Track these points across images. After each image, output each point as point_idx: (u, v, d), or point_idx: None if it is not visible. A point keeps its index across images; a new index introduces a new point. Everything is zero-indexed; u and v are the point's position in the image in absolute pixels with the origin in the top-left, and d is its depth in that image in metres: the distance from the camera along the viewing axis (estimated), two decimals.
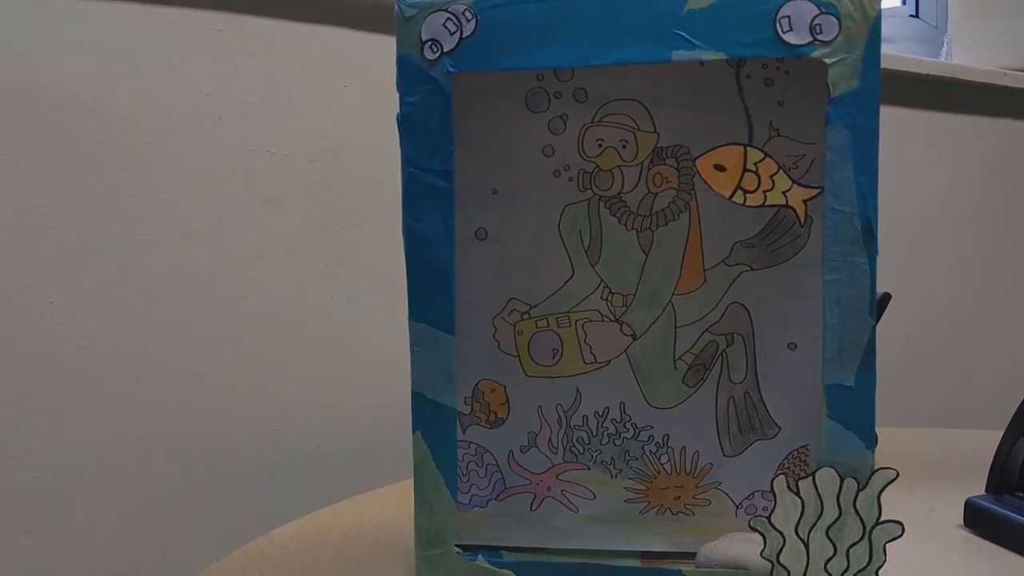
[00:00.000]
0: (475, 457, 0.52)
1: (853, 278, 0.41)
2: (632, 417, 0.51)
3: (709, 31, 0.41)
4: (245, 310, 0.87)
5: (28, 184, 0.78)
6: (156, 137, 0.83)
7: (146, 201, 0.83)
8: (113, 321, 0.82)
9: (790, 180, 0.47)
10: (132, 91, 0.82)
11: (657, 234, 0.49)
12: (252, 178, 0.87)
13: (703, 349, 0.50)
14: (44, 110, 0.78)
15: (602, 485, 0.51)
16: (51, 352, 0.79)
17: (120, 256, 0.82)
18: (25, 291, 0.78)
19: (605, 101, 0.48)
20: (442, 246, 0.44)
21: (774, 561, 0.41)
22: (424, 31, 0.43)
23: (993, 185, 1.43)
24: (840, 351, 0.41)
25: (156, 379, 0.84)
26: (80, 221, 0.80)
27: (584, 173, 0.49)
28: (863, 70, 0.40)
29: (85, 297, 0.80)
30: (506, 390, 0.51)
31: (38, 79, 0.78)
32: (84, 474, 0.81)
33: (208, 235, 0.86)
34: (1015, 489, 0.59)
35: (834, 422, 0.41)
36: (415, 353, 0.45)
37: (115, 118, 0.81)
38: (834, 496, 0.40)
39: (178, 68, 0.83)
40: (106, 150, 0.81)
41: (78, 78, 0.79)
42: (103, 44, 0.80)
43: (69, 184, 0.79)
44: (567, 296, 0.50)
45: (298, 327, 0.90)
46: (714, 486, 0.51)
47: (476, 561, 0.46)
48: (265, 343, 0.88)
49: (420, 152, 0.44)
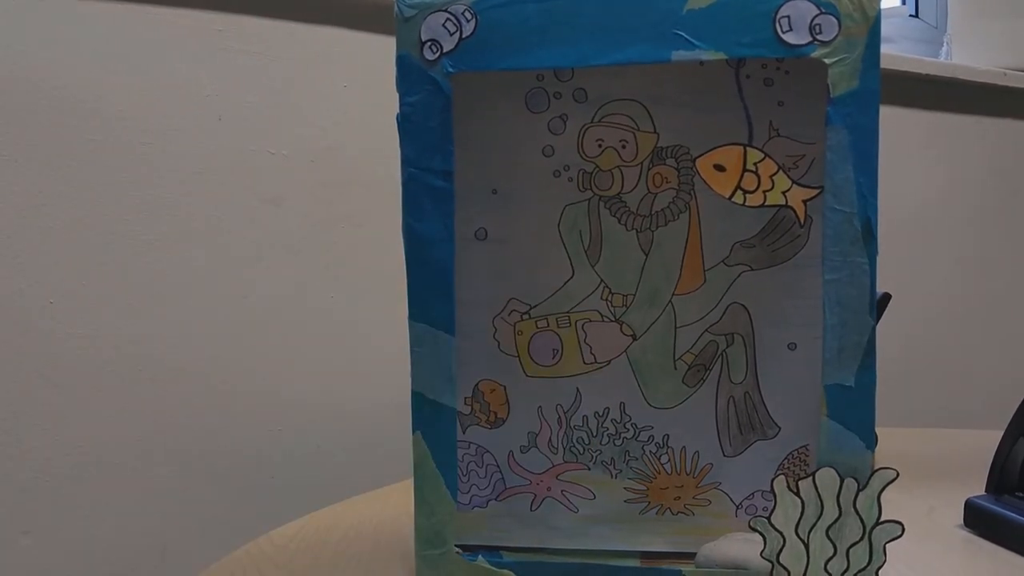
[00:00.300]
0: (475, 457, 0.52)
1: (853, 278, 0.41)
2: (632, 417, 0.51)
3: (709, 31, 0.41)
4: (245, 310, 0.87)
5: (28, 184, 0.78)
6: (156, 137, 0.83)
7: (146, 201, 0.83)
8: (113, 321, 0.82)
9: (790, 180, 0.47)
10: (132, 91, 0.82)
11: (657, 234, 0.49)
12: (252, 178, 0.87)
13: (703, 349, 0.50)
14: (44, 110, 0.78)
15: (602, 485, 0.51)
16: (51, 352, 0.79)
17: (120, 256, 0.82)
18: (25, 291, 0.78)
19: (605, 101, 0.48)
20: (442, 246, 0.44)
21: (774, 561, 0.41)
22: (424, 31, 0.43)
23: (993, 185, 1.43)
24: (840, 351, 0.41)
25: (156, 379, 0.84)
26: (80, 221, 0.80)
27: (584, 173, 0.49)
28: (863, 70, 0.40)
29: (85, 297, 0.80)
30: (506, 390, 0.51)
31: (38, 79, 0.78)
32: (84, 474, 0.81)
33: (208, 235, 0.86)
34: (1015, 489, 0.60)
35: (834, 422, 0.41)
36: (415, 353, 0.45)
37: (115, 118, 0.81)
38: (834, 496, 0.40)
39: (178, 68, 0.83)
40: (106, 150, 0.81)
41: (78, 78, 0.79)
42: (103, 44, 0.80)
43: (69, 184, 0.79)
44: (567, 296, 0.50)
45: (298, 327, 0.90)
46: (714, 486, 0.51)
47: (476, 561, 0.46)
48: (265, 343, 0.88)
49: (420, 152, 0.44)
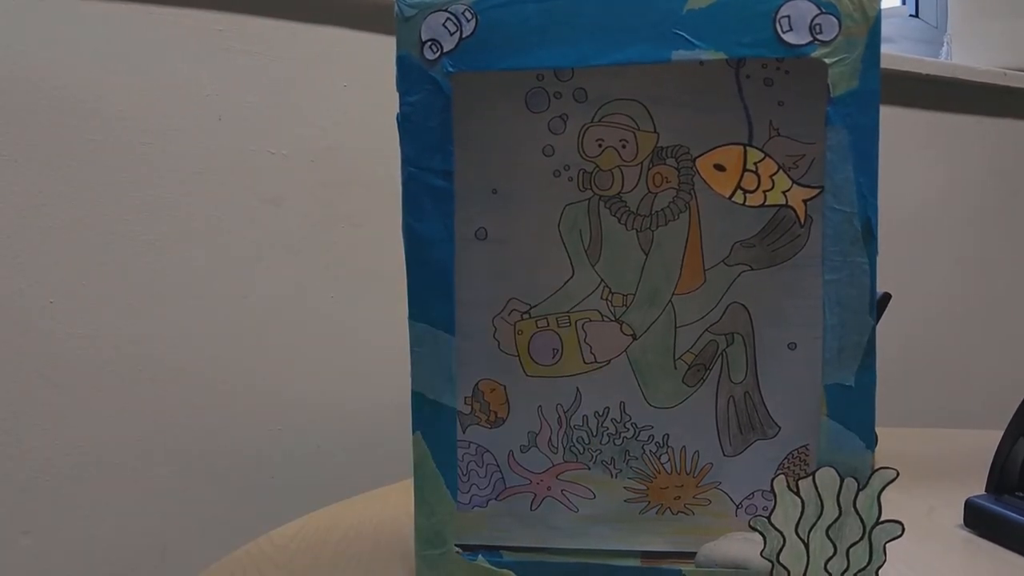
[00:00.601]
0: (475, 457, 0.52)
1: (853, 278, 0.41)
2: (632, 417, 0.51)
3: (709, 31, 0.41)
4: (245, 310, 0.87)
5: (28, 184, 0.78)
6: (156, 137, 0.83)
7: (146, 201, 0.83)
8: (113, 321, 0.82)
9: (790, 180, 0.47)
10: (132, 91, 0.82)
11: (657, 234, 0.49)
12: (252, 178, 0.87)
13: (703, 349, 0.50)
14: (44, 110, 0.78)
15: (602, 485, 0.51)
16: (51, 352, 0.79)
17: (120, 256, 0.82)
18: (25, 291, 0.78)
19: (605, 101, 0.48)
20: (442, 246, 0.44)
21: (774, 561, 0.41)
22: (424, 31, 0.43)
23: (993, 185, 1.43)
24: (840, 351, 0.41)
25: (156, 379, 0.84)
26: (80, 221, 0.80)
27: (584, 173, 0.49)
28: (863, 70, 0.40)
29: (85, 297, 0.80)
30: (506, 390, 0.51)
31: (38, 79, 0.78)
32: (84, 474, 0.81)
33: (208, 235, 0.86)
34: (1015, 489, 0.60)
35: (834, 422, 0.41)
36: (415, 353, 0.45)
37: (115, 118, 0.81)
38: (834, 496, 0.40)
39: (178, 68, 0.83)
40: (106, 150, 0.81)
41: (78, 78, 0.79)
42: (103, 44, 0.80)
43: (69, 184, 0.79)
44: (567, 296, 0.50)
45: (298, 327, 0.90)
46: (714, 486, 0.51)
47: (476, 561, 0.46)
48: (265, 343, 0.88)
49: (420, 152, 0.44)
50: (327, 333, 0.92)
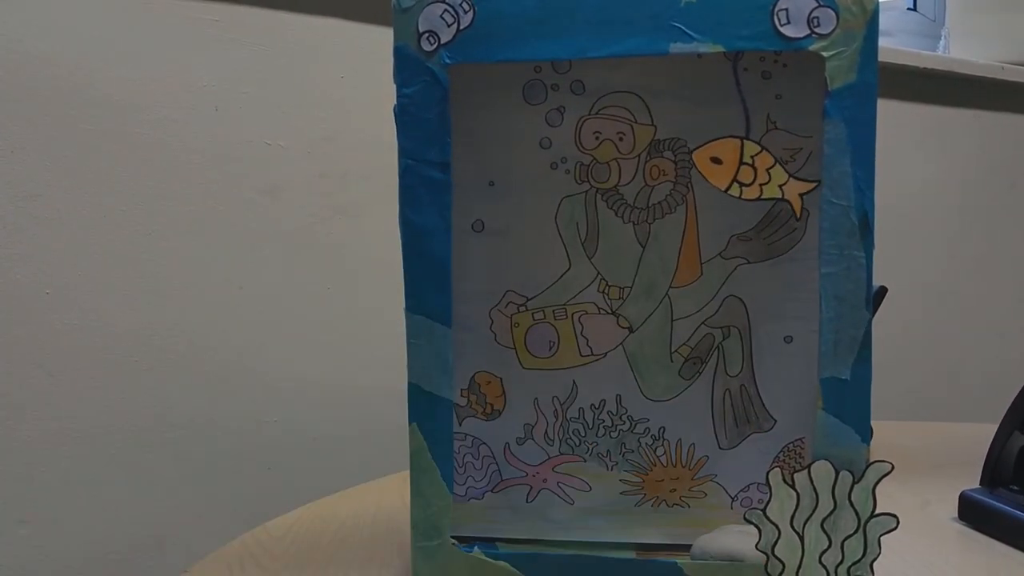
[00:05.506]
0: (471, 449, 0.52)
1: (850, 271, 0.41)
2: (628, 409, 0.51)
3: (706, 24, 0.41)
4: (241, 301, 0.87)
5: (24, 174, 0.78)
6: (153, 128, 0.83)
7: (143, 191, 0.82)
8: (110, 311, 0.81)
9: (787, 173, 0.47)
10: (129, 82, 0.81)
11: (654, 227, 0.49)
12: (249, 169, 0.87)
13: (699, 342, 0.50)
14: (40, 100, 0.78)
15: (598, 477, 0.52)
16: (48, 342, 0.79)
17: (117, 246, 0.82)
18: (22, 281, 0.78)
19: (602, 93, 0.48)
20: (439, 238, 0.44)
21: (769, 553, 0.41)
22: (421, 22, 0.43)
23: (990, 178, 1.44)
24: (836, 344, 0.41)
25: (153, 369, 0.84)
26: (76, 211, 0.80)
27: (581, 165, 0.49)
28: (860, 63, 0.40)
29: (82, 287, 0.80)
30: (502, 382, 0.51)
31: (34, 69, 0.77)
32: (81, 464, 0.81)
33: (205, 226, 0.85)
34: (1009, 482, 0.60)
35: (830, 415, 0.41)
36: (411, 345, 0.45)
37: (112, 109, 0.81)
38: (829, 489, 0.40)
39: (175, 58, 0.83)
40: (103, 141, 0.81)
41: (74, 68, 0.79)
42: (100, 34, 0.80)
43: (66, 174, 0.79)
44: (564, 288, 0.50)
45: (294, 318, 0.90)
46: (710, 479, 0.51)
47: (472, 552, 0.46)
48: (262, 334, 0.88)
49: (417, 144, 0.43)
50: (323, 324, 0.92)
